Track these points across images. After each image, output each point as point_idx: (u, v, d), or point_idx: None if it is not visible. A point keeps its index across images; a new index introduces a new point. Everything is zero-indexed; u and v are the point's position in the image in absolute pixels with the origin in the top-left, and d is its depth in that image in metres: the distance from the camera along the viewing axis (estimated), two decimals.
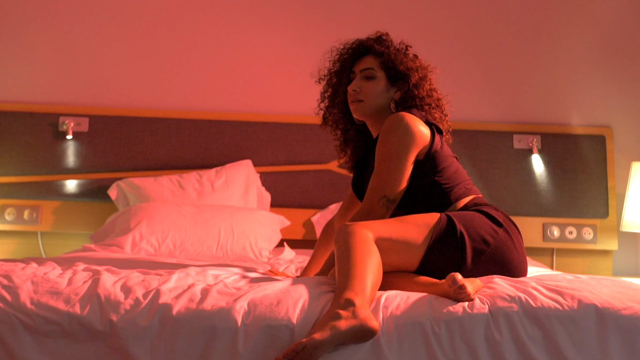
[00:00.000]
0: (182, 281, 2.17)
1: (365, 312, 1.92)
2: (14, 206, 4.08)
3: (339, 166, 4.16)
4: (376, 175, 2.45)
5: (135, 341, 1.96)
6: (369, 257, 2.10)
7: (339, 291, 2.00)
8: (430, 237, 2.28)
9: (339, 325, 1.87)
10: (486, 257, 2.33)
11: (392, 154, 2.42)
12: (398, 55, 2.62)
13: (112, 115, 4.19)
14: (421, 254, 2.28)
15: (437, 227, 2.30)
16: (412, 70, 2.61)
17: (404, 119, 2.44)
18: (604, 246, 4.19)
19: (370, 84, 2.60)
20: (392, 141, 2.43)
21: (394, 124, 2.44)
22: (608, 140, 4.24)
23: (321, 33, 4.23)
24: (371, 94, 2.59)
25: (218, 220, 3.67)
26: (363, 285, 2.00)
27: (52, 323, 1.99)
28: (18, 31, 4.21)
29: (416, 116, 2.48)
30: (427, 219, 2.33)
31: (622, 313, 2.00)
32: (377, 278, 2.09)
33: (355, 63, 2.64)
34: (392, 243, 2.25)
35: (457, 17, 4.31)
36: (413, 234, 2.28)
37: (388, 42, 2.67)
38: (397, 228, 2.28)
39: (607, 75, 4.31)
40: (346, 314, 1.90)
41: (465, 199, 2.50)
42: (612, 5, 4.30)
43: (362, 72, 2.61)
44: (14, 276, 2.13)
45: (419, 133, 2.44)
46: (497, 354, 1.95)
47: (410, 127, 2.43)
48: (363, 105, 2.59)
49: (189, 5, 4.26)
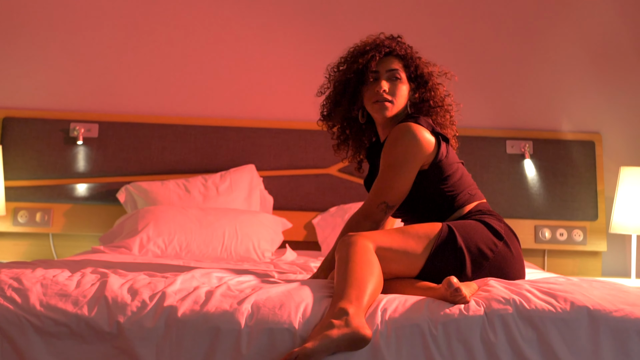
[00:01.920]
0: (187, 283, 2.15)
1: (359, 321, 1.89)
2: (26, 209, 4.05)
3: (339, 170, 4.14)
4: (379, 181, 2.41)
5: (142, 342, 1.94)
6: (367, 267, 2.07)
7: (335, 300, 1.97)
8: (430, 248, 2.25)
9: (331, 334, 1.85)
10: (485, 269, 2.30)
11: (397, 163, 2.38)
12: (417, 59, 2.56)
13: (121, 122, 4.17)
14: (421, 264, 2.25)
15: (438, 238, 2.27)
16: (431, 74, 2.56)
17: (411, 129, 2.39)
18: (594, 247, 4.16)
19: (396, 84, 2.50)
20: (398, 150, 2.38)
21: (401, 133, 2.39)
22: (597, 145, 4.22)
23: (322, 44, 4.23)
24: (399, 95, 2.50)
25: (222, 223, 3.64)
26: (359, 294, 1.97)
27: (60, 324, 1.97)
28: (31, 42, 4.19)
29: (423, 126, 2.43)
30: (428, 230, 2.29)
31: (613, 315, 1.98)
32: (376, 286, 2.06)
33: (379, 63, 2.51)
34: (393, 253, 2.21)
35: (451, 26, 4.29)
36: (413, 245, 2.24)
37: (406, 44, 2.59)
38: (398, 238, 2.24)
39: (596, 84, 4.30)
40: (339, 323, 1.87)
41: (469, 205, 2.45)
42: (602, 17, 4.29)
43: (388, 73, 2.50)
44: (24, 279, 2.10)
45: (426, 143, 2.39)
46: (493, 355, 1.94)
47: (417, 137, 2.38)
48: (392, 105, 2.50)
49: (195, 18, 4.24)
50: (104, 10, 4.22)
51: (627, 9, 4.28)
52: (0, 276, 2.12)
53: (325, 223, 3.95)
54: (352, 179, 4.13)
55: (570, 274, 4.12)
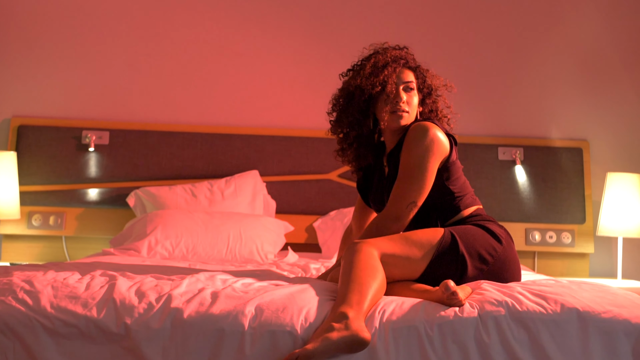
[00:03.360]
0: (192, 286, 2.12)
1: (358, 324, 1.86)
2: (40, 213, 4.03)
3: (338, 175, 4.12)
4: (404, 182, 2.35)
5: (148, 343, 1.91)
6: (370, 272, 2.05)
7: (337, 304, 1.95)
8: (432, 254, 2.22)
9: (331, 337, 1.83)
10: (485, 273, 2.28)
11: (420, 161, 2.33)
12: (425, 70, 2.54)
13: (131, 130, 4.15)
14: (422, 268, 2.23)
15: (440, 245, 2.24)
16: (437, 86, 2.54)
17: (431, 128, 2.37)
18: (582, 249, 4.14)
19: (411, 95, 2.48)
20: (420, 149, 2.34)
21: (421, 132, 2.36)
22: (585, 152, 4.20)
23: (322, 57, 4.22)
24: (412, 105, 2.48)
25: (227, 226, 3.62)
26: (360, 299, 1.95)
27: (70, 326, 1.94)
28: (46, 54, 4.17)
29: (438, 126, 2.41)
30: (430, 236, 2.26)
31: (602, 316, 1.97)
32: (377, 291, 2.03)
33: (398, 74, 2.47)
34: (396, 259, 2.19)
35: (444, 39, 4.27)
36: (416, 251, 2.22)
37: (412, 55, 2.56)
38: (402, 245, 2.21)
39: (584, 93, 4.28)
40: (339, 326, 1.85)
41: (470, 208, 2.44)
42: (589, 31, 4.27)
43: (404, 84, 2.47)
44: (36, 281, 2.08)
45: (443, 142, 2.38)
46: (486, 355, 1.93)
47: (436, 136, 2.36)
48: (408, 115, 2.46)
49: (202, 32, 4.23)
50: (114, 26, 4.21)
51: (613, 23, 4.27)
52: (13, 279, 2.10)
53: (325, 226, 3.93)
54: (351, 184, 4.11)
55: (560, 274, 4.10)
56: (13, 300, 1.99)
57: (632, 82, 4.28)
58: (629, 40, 4.28)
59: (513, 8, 4.29)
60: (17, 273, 2.18)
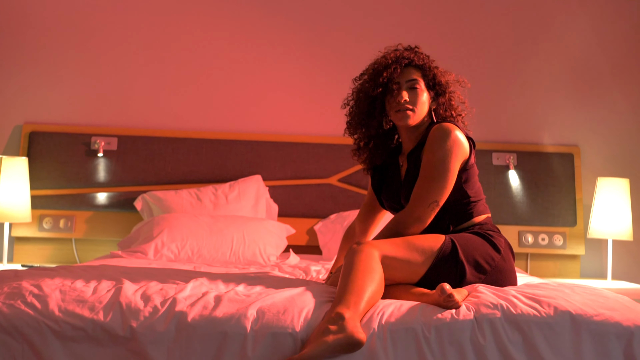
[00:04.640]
0: (196, 289, 2.10)
1: (353, 325, 1.83)
2: (51, 216, 4.01)
3: (338, 180, 4.10)
4: (426, 181, 2.29)
5: (154, 345, 1.89)
6: (368, 274, 2.01)
7: (334, 304, 1.92)
8: (432, 260, 2.19)
9: (327, 339, 1.80)
10: (482, 281, 2.25)
11: (443, 161, 2.28)
12: (434, 68, 2.49)
13: (138, 136, 4.12)
14: (422, 273, 2.19)
15: (441, 251, 2.20)
16: (448, 83, 2.48)
17: (454, 130, 2.32)
18: (573, 251, 4.12)
19: (416, 93, 2.42)
20: (443, 149, 2.29)
21: (444, 133, 2.31)
22: (576, 157, 4.18)
23: (324, 64, 4.20)
24: (419, 103, 2.42)
25: (231, 229, 3.60)
26: (356, 300, 1.92)
27: (77, 329, 1.92)
28: (55, 62, 4.16)
29: (460, 127, 2.36)
30: (432, 242, 2.21)
31: (594, 319, 1.95)
32: (374, 293, 2.00)
33: (400, 74, 2.43)
34: (397, 262, 2.14)
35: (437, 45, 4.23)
36: (417, 256, 2.17)
37: (423, 54, 2.51)
38: (403, 249, 2.16)
39: (575, 100, 4.27)
40: (334, 328, 1.82)
41: (481, 216, 2.38)
42: (581, 40, 4.26)
43: (408, 83, 2.42)
44: (44, 285, 2.05)
45: (464, 144, 2.33)
46: (482, 357, 1.91)
47: (459, 137, 2.32)
48: (413, 114, 2.41)
49: (207, 41, 4.21)
50: (122, 36, 4.19)
51: (604, 33, 4.26)
52: (22, 283, 2.07)
53: (326, 229, 3.91)
54: (351, 188, 4.09)
55: (552, 276, 4.08)
56: (22, 304, 1.97)
57: (621, 89, 4.27)
58: (618, 50, 4.27)
59: (506, 17, 4.27)
60: (26, 277, 2.15)
